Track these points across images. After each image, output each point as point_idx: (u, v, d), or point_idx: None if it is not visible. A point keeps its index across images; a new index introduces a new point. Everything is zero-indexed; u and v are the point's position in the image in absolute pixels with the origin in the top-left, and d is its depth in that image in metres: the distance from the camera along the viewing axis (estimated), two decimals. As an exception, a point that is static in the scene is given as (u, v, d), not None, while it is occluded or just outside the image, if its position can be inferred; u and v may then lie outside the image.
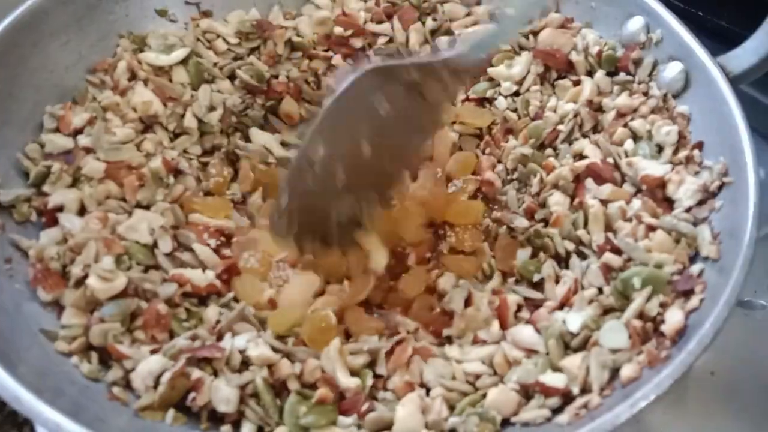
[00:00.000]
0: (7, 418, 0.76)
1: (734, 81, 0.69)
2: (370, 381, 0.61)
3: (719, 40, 0.79)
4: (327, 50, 0.85)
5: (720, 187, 0.64)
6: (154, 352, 0.60)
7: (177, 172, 0.74)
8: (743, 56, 0.71)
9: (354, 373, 0.61)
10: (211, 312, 0.65)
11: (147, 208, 0.71)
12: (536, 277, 0.68)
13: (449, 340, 0.66)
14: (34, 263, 0.64)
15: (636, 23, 0.76)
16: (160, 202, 0.71)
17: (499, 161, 0.79)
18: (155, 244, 0.68)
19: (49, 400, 0.52)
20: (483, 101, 0.82)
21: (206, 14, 0.84)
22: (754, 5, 0.85)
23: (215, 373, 0.59)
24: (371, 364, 0.63)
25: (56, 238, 0.65)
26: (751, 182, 0.61)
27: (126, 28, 0.80)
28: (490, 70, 0.82)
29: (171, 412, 0.57)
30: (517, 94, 0.81)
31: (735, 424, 0.75)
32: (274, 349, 0.61)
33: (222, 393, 0.57)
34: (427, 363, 0.62)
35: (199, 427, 0.58)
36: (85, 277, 0.62)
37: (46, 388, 0.53)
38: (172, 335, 0.62)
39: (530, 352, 0.61)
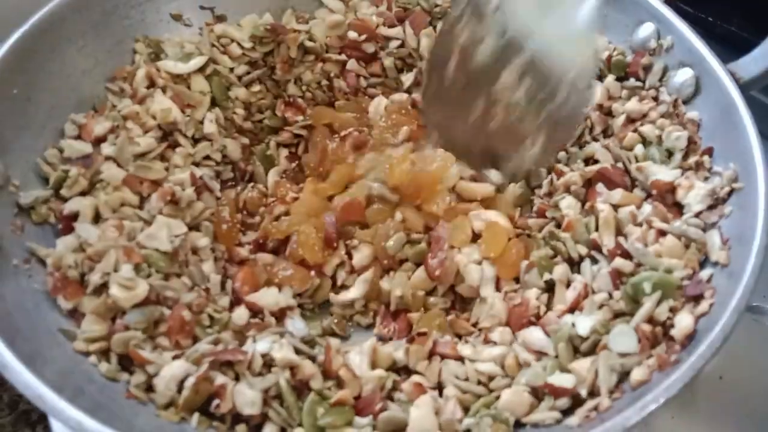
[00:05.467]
0: (21, 417, 0.77)
1: (744, 87, 0.69)
2: (390, 383, 0.62)
3: (729, 46, 0.80)
4: (340, 53, 0.86)
5: (730, 193, 0.65)
6: (176, 357, 0.61)
7: (198, 190, 0.75)
8: (753, 63, 0.72)
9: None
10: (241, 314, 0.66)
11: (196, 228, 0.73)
12: (546, 276, 0.68)
13: (460, 337, 0.68)
14: (52, 272, 0.64)
15: (647, 29, 0.77)
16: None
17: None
18: (175, 252, 0.68)
19: (69, 398, 0.53)
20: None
21: (220, 19, 0.85)
22: (764, 12, 0.86)
23: (237, 377, 0.60)
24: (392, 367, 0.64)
25: (72, 246, 0.66)
26: (761, 188, 0.62)
27: (142, 33, 0.81)
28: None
29: (196, 416, 0.58)
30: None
31: (743, 428, 0.75)
32: (297, 351, 0.62)
33: (246, 396, 0.58)
34: (443, 362, 0.64)
35: (215, 426, 0.59)
36: (104, 284, 0.63)
37: (67, 386, 0.54)
38: (194, 341, 0.63)
39: (540, 354, 0.62)
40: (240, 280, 0.71)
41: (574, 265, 0.69)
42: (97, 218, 0.69)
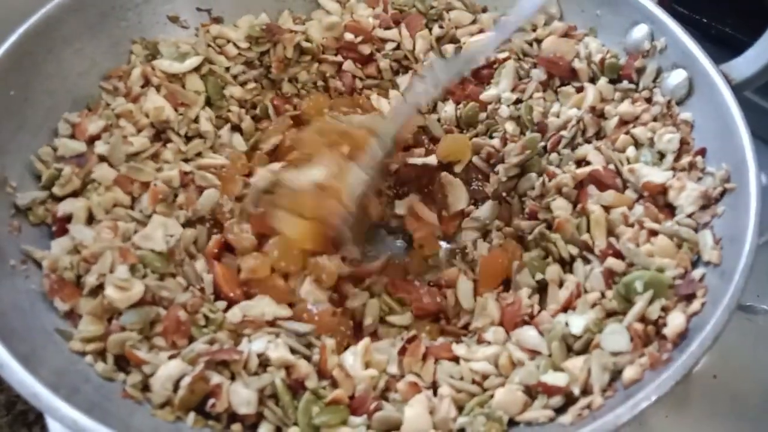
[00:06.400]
0: (18, 417, 0.77)
1: (737, 88, 0.69)
2: (383, 383, 0.62)
3: (723, 47, 0.80)
4: (336, 55, 0.87)
5: (722, 193, 0.65)
6: (172, 357, 0.61)
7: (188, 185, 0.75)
8: (746, 64, 0.72)
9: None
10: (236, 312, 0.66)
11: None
12: (538, 276, 0.69)
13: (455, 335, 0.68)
14: (48, 274, 0.64)
15: (640, 31, 0.77)
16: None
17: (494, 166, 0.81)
18: (171, 252, 0.68)
19: (65, 397, 0.53)
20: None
21: (217, 20, 0.85)
22: (758, 13, 0.86)
23: (232, 377, 0.60)
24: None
25: (68, 248, 0.66)
26: (753, 188, 0.62)
27: (138, 35, 0.81)
28: (481, 96, 0.83)
29: (191, 415, 0.58)
30: (519, 101, 0.82)
31: (737, 427, 0.76)
32: (293, 351, 0.62)
33: (242, 396, 0.58)
34: (439, 363, 0.64)
35: (210, 425, 0.59)
36: (100, 285, 0.63)
37: (63, 385, 0.55)
38: (190, 341, 0.63)
39: (533, 353, 0.62)
40: (218, 277, 0.70)
41: (566, 265, 0.70)
42: (90, 219, 0.69)
